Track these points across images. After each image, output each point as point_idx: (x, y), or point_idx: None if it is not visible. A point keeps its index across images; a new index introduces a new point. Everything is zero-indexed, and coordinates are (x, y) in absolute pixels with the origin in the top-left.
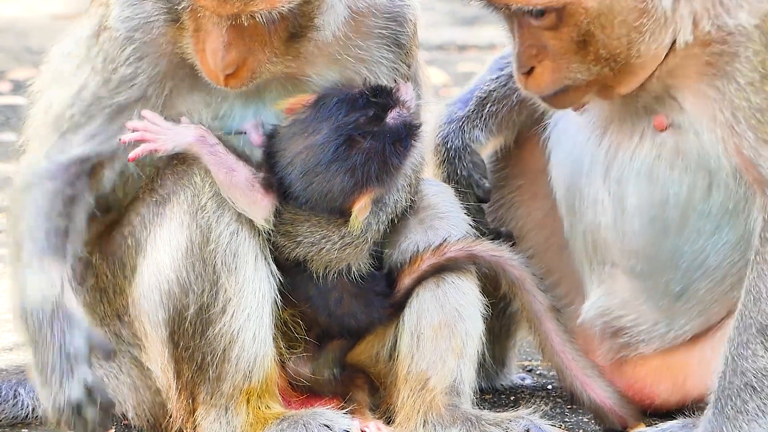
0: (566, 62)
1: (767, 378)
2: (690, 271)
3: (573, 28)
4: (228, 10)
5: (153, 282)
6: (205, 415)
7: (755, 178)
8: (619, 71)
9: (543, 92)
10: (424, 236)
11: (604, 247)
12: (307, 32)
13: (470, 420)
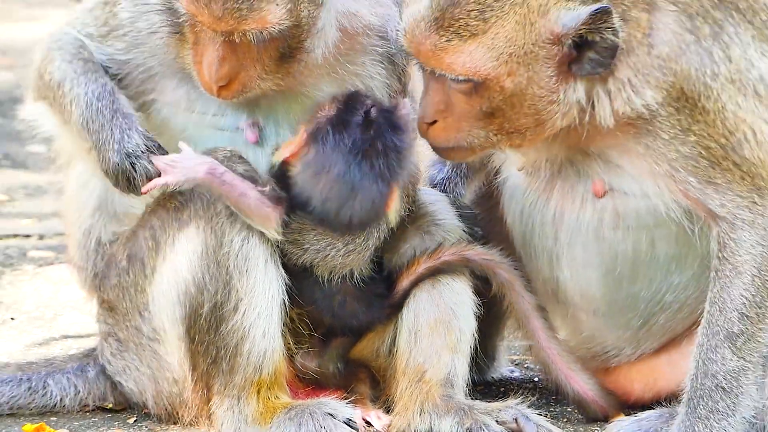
0: (468, 125)
1: (735, 380)
2: (649, 308)
3: (485, 100)
4: (222, 27)
5: (171, 281)
6: (219, 405)
7: (707, 213)
8: (518, 138)
9: (438, 145)
10: (421, 241)
11: (564, 295)
12: (297, 54)
13: (463, 409)
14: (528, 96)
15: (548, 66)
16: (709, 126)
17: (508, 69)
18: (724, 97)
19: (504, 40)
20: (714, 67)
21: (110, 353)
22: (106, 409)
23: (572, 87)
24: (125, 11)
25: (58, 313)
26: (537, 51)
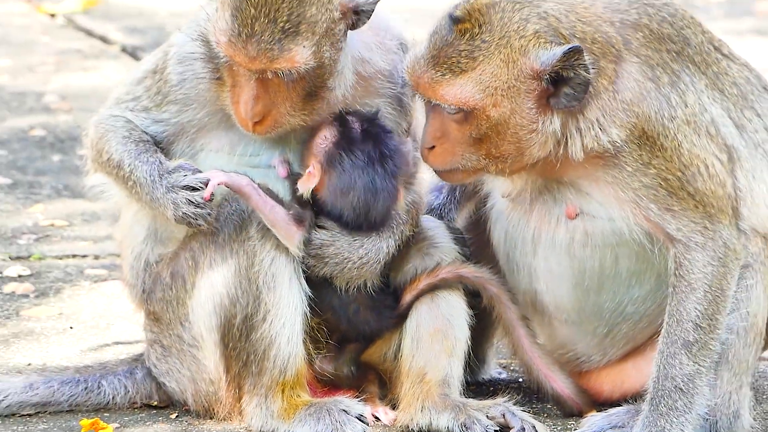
0: (461, 150)
1: (691, 382)
2: (612, 318)
3: (474, 127)
4: (256, 66)
5: (208, 295)
6: (249, 402)
7: (665, 236)
8: (505, 165)
9: (437, 167)
10: (421, 261)
11: (541, 305)
12: (321, 92)
13: (458, 406)
14: (511, 125)
15: (529, 99)
16: (667, 161)
17: (493, 101)
18: (680, 136)
19: (490, 75)
20: (671, 111)
21: (155, 358)
22: (152, 406)
23: (549, 119)
24: (174, 74)
25: (110, 323)
26: (519, 85)
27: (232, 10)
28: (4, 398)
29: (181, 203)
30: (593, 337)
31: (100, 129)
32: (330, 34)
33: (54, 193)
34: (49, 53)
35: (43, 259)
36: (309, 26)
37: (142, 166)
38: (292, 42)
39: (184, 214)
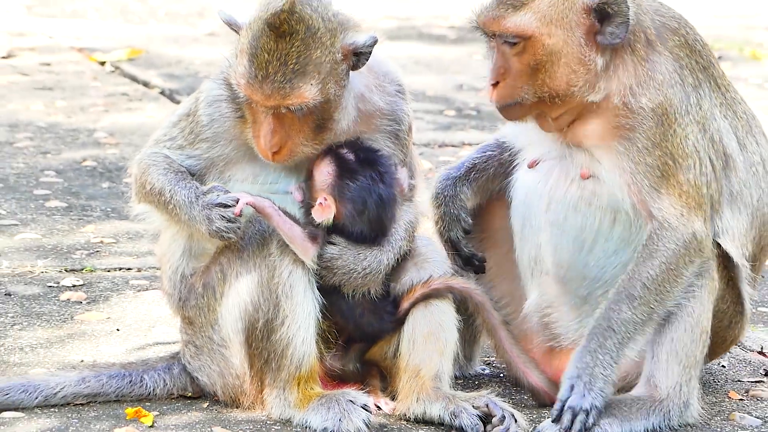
0: (521, 82)
1: (625, 326)
2: (593, 281)
3: (532, 56)
4: (271, 102)
5: (234, 303)
6: (269, 393)
7: (647, 212)
8: (555, 102)
9: (500, 102)
10: (417, 274)
11: (541, 260)
12: (328, 124)
13: (448, 397)
14: (563, 54)
15: (579, 31)
16: (672, 147)
17: (548, 30)
18: (689, 129)
19: (546, 7)
20: (689, 107)
21: (189, 356)
22: (186, 397)
23: (595, 55)
24: (204, 116)
25: (151, 326)
26: (571, 16)
27: (249, 56)
28: (61, 389)
29: (215, 219)
30: (575, 299)
31: (142, 165)
32: (334, 73)
33: (103, 215)
34: (98, 96)
35: (94, 271)
36: (315, 67)
37: (180, 191)
38: (301, 81)
39: (218, 228)
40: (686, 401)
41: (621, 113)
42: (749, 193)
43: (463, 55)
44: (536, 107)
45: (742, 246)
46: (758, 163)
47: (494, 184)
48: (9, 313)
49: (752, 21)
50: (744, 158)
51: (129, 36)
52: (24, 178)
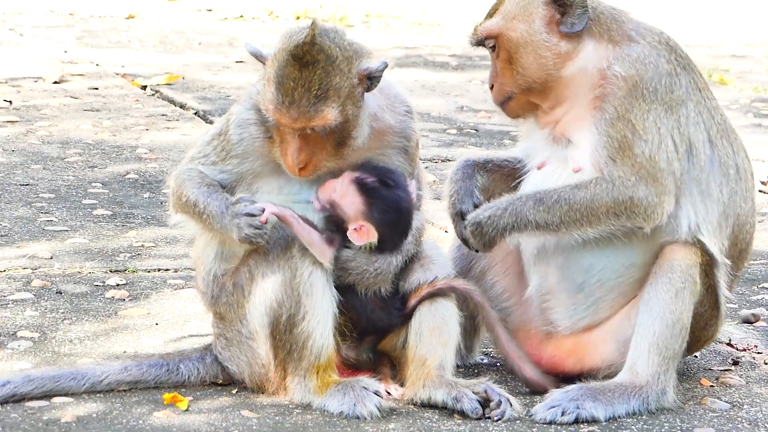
0: (505, 78)
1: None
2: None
3: (505, 52)
4: (297, 125)
5: (260, 300)
6: (291, 381)
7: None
8: (537, 89)
9: (496, 100)
10: (423, 274)
11: (543, 251)
12: (348, 141)
13: (451, 384)
14: (529, 44)
15: (541, 22)
16: (636, 120)
17: (512, 25)
18: (654, 107)
19: (511, 6)
20: (658, 87)
21: (221, 347)
22: (218, 384)
23: (560, 42)
24: (234, 135)
25: (186, 320)
26: (531, 11)
27: (276, 84)
28: (106, 377)
29: (244, 227)
30: (571, 286)
31: (178, 180)
32: (351, 95)
33: (144, 222)
34: (140, 116)
35: (136, 272)
36: (335, 92)
37: (213, 202)
38: (324, 105)
39: (247, 235)
40: (663, 388)
41: (596, 82)
42: (719, 189)
43: (464, 80)
44: (525, 98)
45: (719, 243)
46: (729, 165)
47: (504, 183)
48: (60, 309)
49: (719, 50)
50: (712, 154)
51: (167, 63)
52: (74, 189)
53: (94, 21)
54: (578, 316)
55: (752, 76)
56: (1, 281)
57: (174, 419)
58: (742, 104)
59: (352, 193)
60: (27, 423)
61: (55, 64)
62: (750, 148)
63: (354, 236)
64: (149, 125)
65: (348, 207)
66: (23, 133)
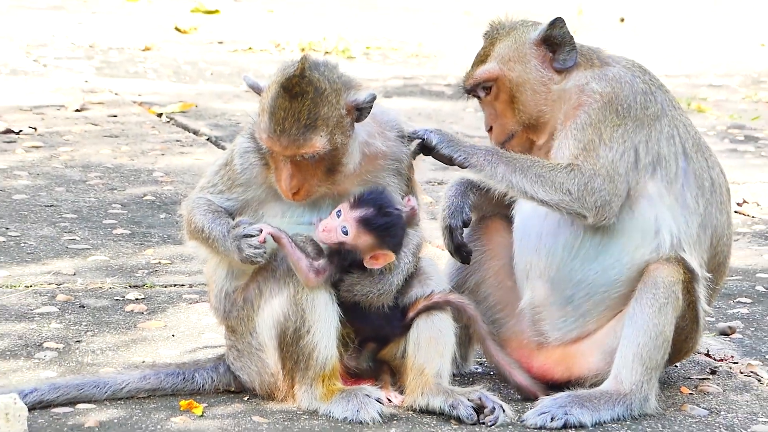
0: (507, 119)
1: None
2: (577, 284)
3: (505, 93)
4: (288, 152)
5: (268, 314)
6: (299, 389)
7: None
8: (534, 125)
9: (498, 141)
10: (421, 289)
11: (535, 265)
12: (338, 168)
13: (447, 392)
14: (526, 82)
15: (535, 61)
16: (604, 130)
17: (509, 66)
18: (626, 122)
19: (504, 50)
20: (633, 104)
21: (233, 358)
22: (230, 392)
23: (556, 77)
24: (238, 165)
25: (201, 332)
26: (525, 51)
27: (269, 114)
28: (126, 385)
29: (244, 248)
30: (561, 299)
31: (189, 208)
32: (339, 125)
33: (161, 240)
34: (156, 142)
35: (153, 287)
36: (323, 121)
37: (216, 228)
38: (312, 133)
39: (247, 255)
40: (646, 396)
41: (574, 99)
42: (695, 200)
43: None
44: (525, 135)
45: (699, 257)
46: (704, 178)
47: (494, 205)
48: (83, 322)
49: (697, 80)
50: (686, 165)
51: (181, 92)
52: (95, 210)
53: (113, 53)
54: (567, 328)
55: (728, 105)
56: (27, 296)
57: (190, 424)
58: (719, 130)
59: (363, 233)
60: (53, 428)
61: (76, 93)
62: (726, 172)
63: (373, 263)
64: (165, 150)
65: (363, 244)
66: (47, 158)
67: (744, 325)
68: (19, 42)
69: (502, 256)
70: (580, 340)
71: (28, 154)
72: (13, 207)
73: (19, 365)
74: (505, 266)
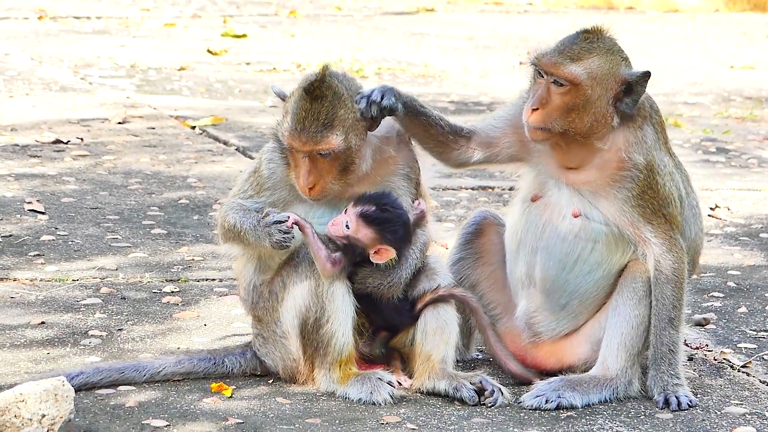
0: (556, 114)
1: (676, 345)
2: (570, 293)
3: (572, 98)
4: (306, 148)
5: (291, 305)
6: (318, 373)
7: (643, 240)
8: (575, 139)
9: (534, 124)
10: (428, 283)
11: (531, 276)
12: (351, 168)
13: (452, 376)
14: (594, 105)
15: (610, 93)
16: (658, 192)
17: (591, 83)
18: (666, 179)
19: (596, 66)
20: (663, 165)
21: (258, 345)
22: (256, 375)
23: (613, 113)
24: (265, 170)
25: (230, 322)
26: (609, 81)
27: (292, 115)
28: (163, 369)
29: (274, 233)
30: (555, 307)
31: (223, 212)
32: (354, 128)
33: (194, 239)
34: (190, 152)
35: (187, 281)
36: (340, 122)
37: (247, 221)
38: (329, 132)
39: (277, 240)
40: (630, 380)
41: (619, 165)
42: (689, 228)
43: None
44: (559, 137)
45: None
46: (695, 207)
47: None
48: (124, 312)
49: (674, 98)
50: (687, 202)
51: (212, 107)
52: (135, 212)
53: (152, 72)
54: (560, 328)
55: (702, 120)
56: (74, 289)
57: (220, 405)
58: (693, 143)
59: (362, 227)
60: (97, 407)
61: (118, 108)
62: (700, 180)
63: (377, 258)
64: (198, 159)
65: (364, 238)
66: (93, 165)
67: (717, 317)
68: (68, 62)
69: (494, 261)
70: (571, 334)
71: (75, 162)
72: (62, 209)
73: (66, 351)
74: (496, 270)
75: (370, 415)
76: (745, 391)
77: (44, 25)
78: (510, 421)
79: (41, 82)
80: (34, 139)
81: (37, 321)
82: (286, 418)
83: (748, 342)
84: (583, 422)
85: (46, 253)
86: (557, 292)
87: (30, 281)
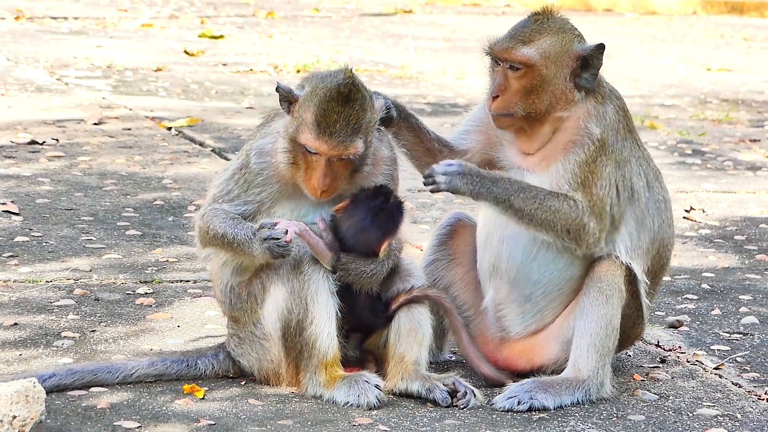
0: (516, 99)
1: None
2: (535, 283)
3: (529, 80)
4: (333, 153)
5: (272, 307)
6: (304, 376)
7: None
8: (537, 118)
9: (497, 111)
10: (402, 284)
11: (498, 267)
12: (361, 169)
13: (425, 377)
14: (551, 83)
15: (566, 71)
16: (595, 168)
17: (546, 63)
18: (609, 162)
19: (548, 46)
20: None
21: (234, 345)
22: (229, 377)
23: (573, 89)
24: (255, 165)
25: (204, 323)
26: (564, 58)
27: (320, 117)
28: (136, 371)
29: (273, 248)
30: (520, 298)
31: (205, 219)
32: (372, 131)
33: (168, 241)
34: (166, 153)
35: (161, 282)
36: (365, 126)
37: (240, 232)
38: (357, 137)
39: (277, 254)
40: (602, 381)
41: (575, 132)
42: (652, 221)
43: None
44: (522, 121)
45: (644, 263)
46: (661, 201)
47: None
48: (97, 313)
49: (650, 100)
50: (650, 195)
51: (188, 108)
52: (110, 213)
53: (128, 73)
54: (527, 323)
55: (677, 122)
56: (48, 290)
57: (192, 406)
58: (669, 145)
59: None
60: (68, 409)
61: (94, 109)
62: (676, 182)
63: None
64: (173, 160)
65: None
66: (68, 166)
67: (691, 319)
68: (44, 63)
69: (468, 262)
70: (539, 332)
71: (51, 163)
72: (37, 210)
73: (39, 352)
74: (469, 272)
75: (342, 417)
76: (718, 393)
77: (21, 25)
78: (482, 422)
79: (17, 83)
80: (9, 140)
81: (9, 322)
82: (258, 420)
83: (721, 344)
84: (555, 424)
85: (20, 254)
86: (522, 282)
87: (3, 282)
